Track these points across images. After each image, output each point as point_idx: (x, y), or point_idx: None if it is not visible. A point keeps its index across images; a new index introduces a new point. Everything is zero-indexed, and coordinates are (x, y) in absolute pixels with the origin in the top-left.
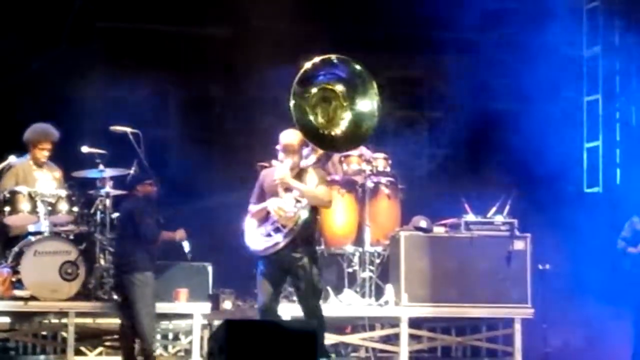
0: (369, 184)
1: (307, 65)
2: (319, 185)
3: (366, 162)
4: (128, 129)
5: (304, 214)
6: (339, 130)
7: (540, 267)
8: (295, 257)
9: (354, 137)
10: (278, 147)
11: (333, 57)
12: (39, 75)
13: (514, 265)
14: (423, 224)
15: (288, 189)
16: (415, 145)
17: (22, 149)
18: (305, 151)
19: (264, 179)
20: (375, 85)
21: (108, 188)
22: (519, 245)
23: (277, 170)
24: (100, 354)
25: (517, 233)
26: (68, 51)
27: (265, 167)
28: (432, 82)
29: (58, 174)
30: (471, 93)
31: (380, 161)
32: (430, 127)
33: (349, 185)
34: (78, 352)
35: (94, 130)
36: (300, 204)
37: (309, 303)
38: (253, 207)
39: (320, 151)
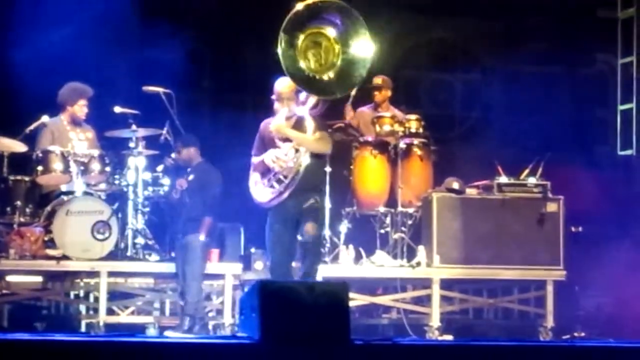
0: (402, 146)
1: (295, 10)
2: (316, 131)
3: (399, 123)
4: (160, 89)
5: (305, 161)
6: (330, 74)
7: (573, 229)
8: (301, 209)
9: (345, 82)
10: (273, 96)
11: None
12: (73, 33)
13: (547, 227)
14: (455, 185)
15: (286, 139)
16: (448, 106)
17: (54, 110)
18: (302, 97)
19: (263, 130)
20: (366, 28)
21: (140, 148)
22: (551, 207)
23: (273, 121)
24: (132, 313)
25: (549, 195)
26: (102, 11)
27: None
28: (465, 44)
29: (91, 134)
30: (504, 55)
31: (413, 122)
32: (463, 89)
33: (381, 146)
34: (110, 312)
35: (126, 91)
36: (300, 152)
37: (304, 259)
38: (255, 159)
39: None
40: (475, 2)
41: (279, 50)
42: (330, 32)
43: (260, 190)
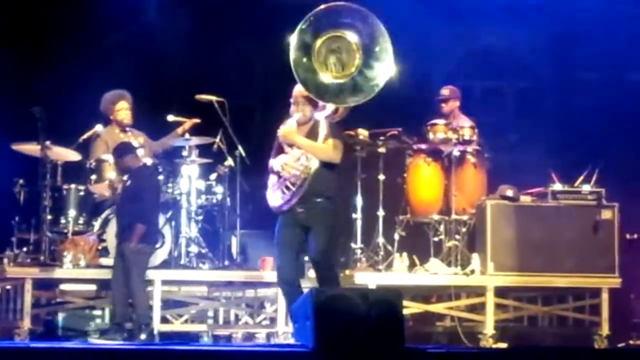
0: (455, 153)
1: (314, 12)
2: (327, 138)
3: (452, 130)
4: (213, 98)
5: (314, 167)
6: (346, 82)
7: (628, 236)
8: (309, 216)
9: (361, 90)
10: (291, 100)
11: (340, 4)
12: (125, 44)
13: (601, 234)
14: (509, 192)
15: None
16: (502, 114)
17: (100, 119)
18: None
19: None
20: (387, 38)
21: (193, 156)
22: (606, 214)
23: (282, 126)
24: (185, 321)
25: (604, 202)
26: (154, 19)
27: None
28: (518, 51)
29: (142, 138)
30: (558, 63)
31: (467, 130)
32: (517, 97)
33: (435, 154)
34: (164, 320)
35: (179, 99)
36: (308, 160)
37: (318, 268)
38: (271, 162)
39: None
40: (526, 9)
41: (294, 56)
42: (351, 37)
43: (272, 194)
